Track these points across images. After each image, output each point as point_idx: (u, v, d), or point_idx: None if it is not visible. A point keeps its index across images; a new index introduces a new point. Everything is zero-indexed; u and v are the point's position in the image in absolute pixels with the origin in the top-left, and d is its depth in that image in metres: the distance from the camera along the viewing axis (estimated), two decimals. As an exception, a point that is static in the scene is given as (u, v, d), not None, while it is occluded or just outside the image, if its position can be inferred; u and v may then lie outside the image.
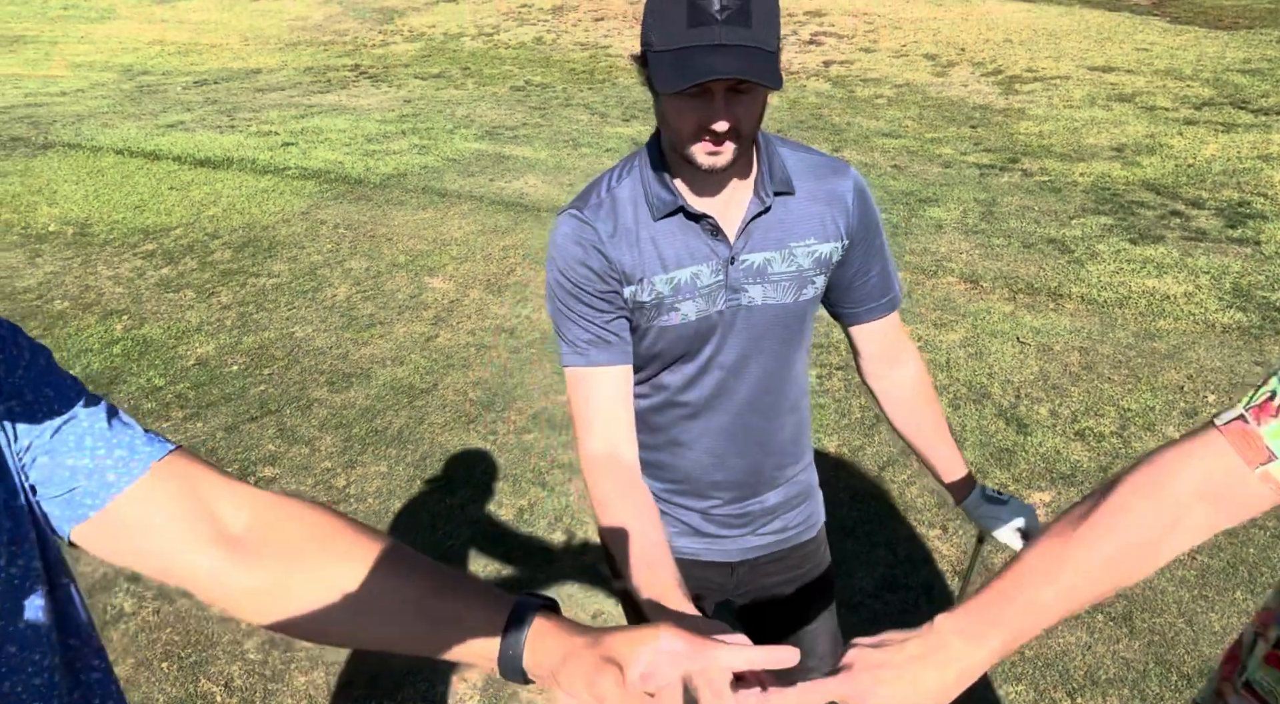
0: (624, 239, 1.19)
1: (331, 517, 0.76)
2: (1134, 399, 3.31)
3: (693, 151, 1.10)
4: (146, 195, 6.15)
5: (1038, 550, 0.85)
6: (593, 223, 1.20)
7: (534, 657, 0.69)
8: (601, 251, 1.19)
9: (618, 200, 1.21)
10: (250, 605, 0.73)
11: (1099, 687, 2.14)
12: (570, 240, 1.20)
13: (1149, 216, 5.10)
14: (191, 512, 0.71)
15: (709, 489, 1.34)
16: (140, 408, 3.54)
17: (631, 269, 1.20)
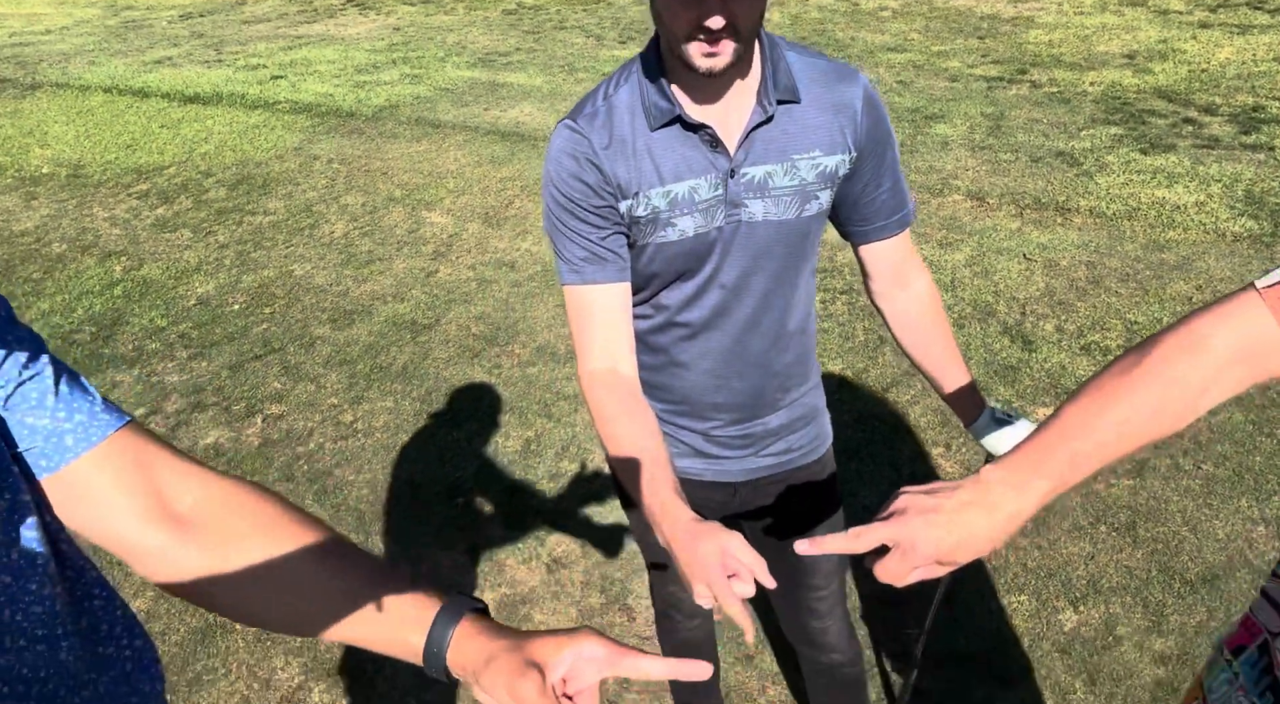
0: (619, 150, 1.15)
1: (276, 505, 0.77)
2: (1141, 312, 3.28)
3: (688, 52, 1.04)
4: (138, 134, 6.05)
5: (1078, 404, 0.86)
6: (587, 134, 1.16)
7: (457, 656, 0.71)
8: (595, 164, 1.15)
9: (614, 109, 1.16)
10: (189, 584, 0.74)
11: (1101, 595, 2.18)
12: (564, 153, 1.16)
13: (1160, 125, 4.97)
14: (141, 486, 0.72)
15: (710, 411, 1.32)
16: (145, 348, 3.55)
17: (627, 182, 1.16)
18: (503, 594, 2.34)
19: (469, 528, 2.56)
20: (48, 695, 0.68)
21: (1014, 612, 2.16)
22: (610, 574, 2.38)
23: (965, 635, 2.10)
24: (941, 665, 2.03)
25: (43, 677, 0.67)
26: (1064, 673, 2.00)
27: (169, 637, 2.27)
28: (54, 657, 0.68)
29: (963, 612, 2.16)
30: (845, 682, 1.64)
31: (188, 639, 2.26)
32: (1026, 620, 2.13)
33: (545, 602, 2.31)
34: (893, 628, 2.14)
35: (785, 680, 2.05)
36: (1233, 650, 0.98)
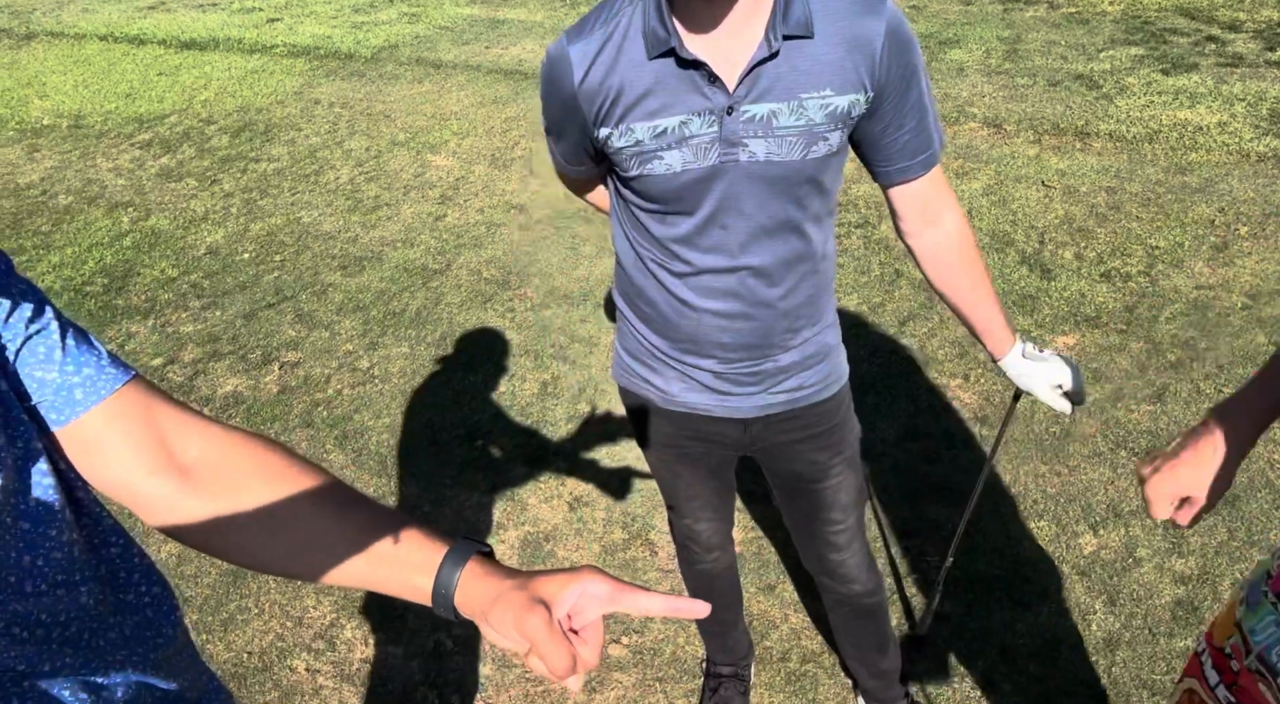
0: (602, 75, 1.12)
1: (279, 453, 0.78)
2: (1162, 236, 3.23)
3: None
4: (136, 83, 5.95)
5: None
6: (571, 55, 1.13)
7: (465, 597, 0.72)
8: (572, 88, 1.14)
9: (615, 32, 1.12)
10: (195, 533, 0.75)
11: (1121, 518, 2.19)
12: (546, 68, 1.18)
13: (1182, 44, 4.82)
14: (147, 438, 0.73)
15: (717, 350, 1.30)
16: (158, 299, 3.55)
17: (606, 110, 1.13)
18: (526, 532, 2.37)
19: (489, 469, 2.59)
20: (70, 639, 0.69)
21: (1034, 537, 2.17)
22: (631, 511, 2.40)
23: (985, 560, 2.12)
24: (961, 590, 2.06)
25: (64, 620, 0.69)
26: (1084, 594, 2.02)
27: (201, 579, 2.32)
28: (74, 601, 0.69)
29: (982, 538, 2.18)
30: (866, 611, 1.66)
31: (220, 581, 2.31)
32: (1047, 545, 2.15)
33: (568, 538, 2.34)
34: (912, 556, 2.17)
35: (806, 609, 2.08)
36: (1278, 594, 0.98)
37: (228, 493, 0.74)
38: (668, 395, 1.39)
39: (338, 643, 2.12)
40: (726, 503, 1.63)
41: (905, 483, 2.36)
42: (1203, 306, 2.86)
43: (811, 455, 1.43)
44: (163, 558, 2.39)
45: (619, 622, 2.11)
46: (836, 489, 1.48)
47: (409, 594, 0.75)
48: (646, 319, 1.35)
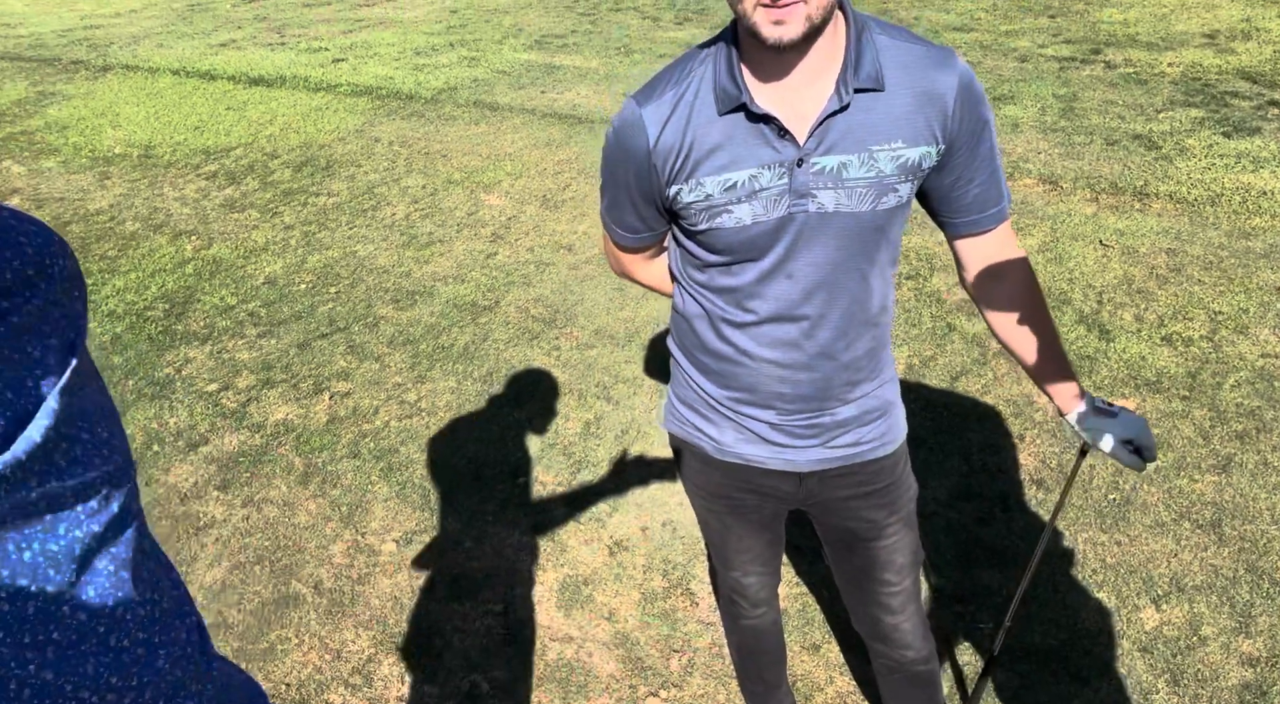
0: (678, 134, 1.13)
1: None
2: (1226, 301, 3.15)
3: (755, 22, 1.00)
4: (205, 116, 6.18)
5: None
6: (645, 115, 1.15)
7: None
8: (646, 149, 1.15)
9: (685, 89, 1.13)
10: None
11: (1185, 593, 2.10)
12: (617, 133, 1.19)
13: (1244, 108, 4.75)
14: None
15: (775, 400, 1.29)
16: (216, 325, 3.63)
17: (679, 167, 1.14)
18: (565, 575, 2.34)
19: (531, 508, 2.57)
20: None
21: (1092, 608, 2.09)
22: (672, 558, 2.37)
23: (1040, 631, 2.05)
24: (1016, 661, 1.98)
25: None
26: (1145, 672, 1.93)
27: (244, 606, 2.33)
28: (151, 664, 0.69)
29: (1038, 607, 2.11)
30: (919, 679, 1.60)
31: (261, 609, 2.31)
32: (1106, 618, 2.07)
33: (607, 583, 2.31)
34: (965, 623, 2.10)
35: (853, 671, 2.02)
36: None
37: None
38: (722, 445, 1.38)
39: (374, 679, 2.10)
40: (775, 557, 1.60)
41: (957, 545, 2.30)
42: (1269, 376, 2.77)
43: (867, 513, 1.40)
44: (207, 583, 2.41)
45: (657, 674, 2.07)
46: (892, 549, 1.44)
47: None
48: (704, 369, 1.34)
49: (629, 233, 1.31)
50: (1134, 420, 1.29)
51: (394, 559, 2.44)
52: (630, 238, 1.32)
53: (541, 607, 2.27)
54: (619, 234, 1.32)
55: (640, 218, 1.27)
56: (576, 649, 2.14)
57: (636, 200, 1.24)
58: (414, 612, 2.28)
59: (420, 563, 2.42)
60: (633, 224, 1.29)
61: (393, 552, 2.47)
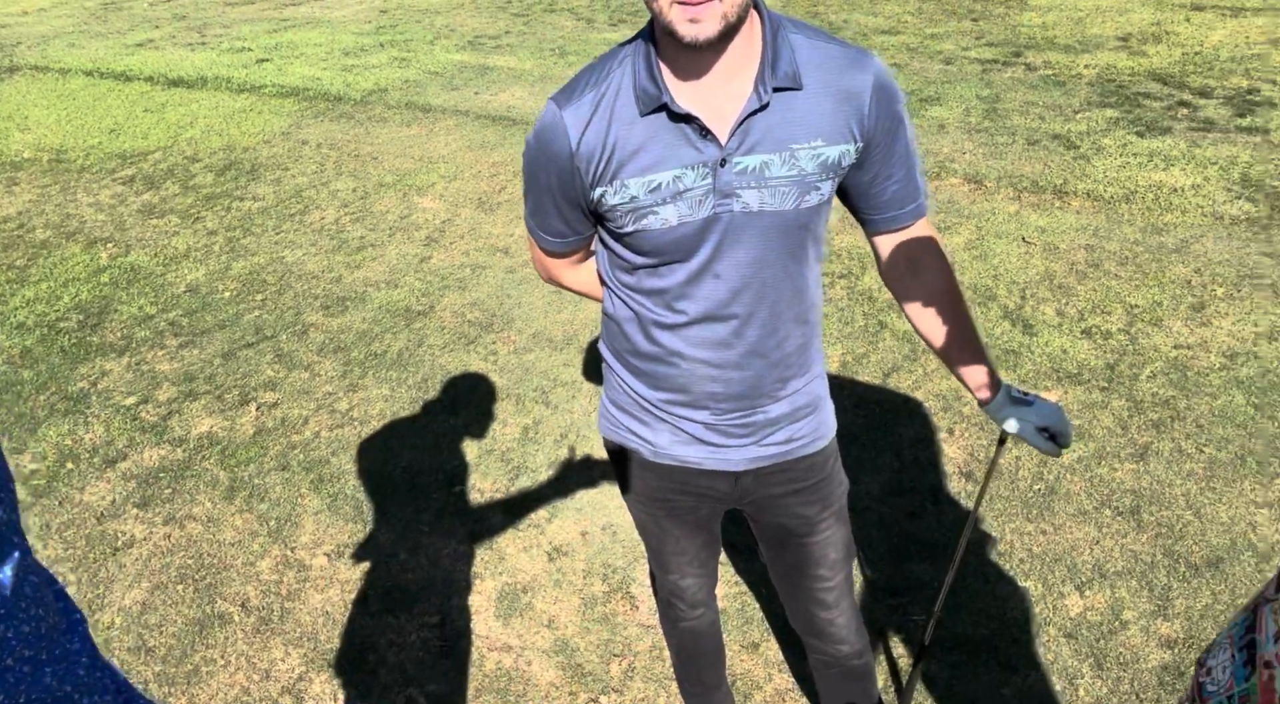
0: (600, 135, 1.12)
1: None
2: (1141, 295, 3.27)
3: (671, 20, 1.01)
4: (121, 118, 5.94)
5: None
6: (566, 116, 1.14)
7: None
8: (568, 152, 1.14)
9: (605, 91, 1.13)
10: None
11: (1107, 579, 2.17)
12: (537, 137, 1.18)
13: (1155, 108, 4.96)
14: None
15: (708, 400, 1.29)
16: (134, 336, 3.49)
17: (602, 169, 1.13)
18: (504, 583, 2.31)
19: (468, 516, 2.53)
20: None
21: (1020, 597, 2.15)
22: (611, 562, 2.35)
23: (971, 621, 2.09)
24: (948, 651, 2.02)
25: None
26: (1071, 658, 1.99)
27: (165, 628, 2.24)
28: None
29: (968, 598, 2.15)
30: (854, 673, 1.62)
31: (184, 630, 2.23)
32: (1033, 606, 2.12)
33: (547, 590, 2.29)
34: (899, 615, 2.13)
35: (791, 669, 2.03)
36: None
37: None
38: (657, 448, 1.37)
39: (305, 698, 2.04)
40: (712, 557, 1.60)
41: (890, 539, 2.34)
42: (1182, 366, 2.89)
43: (800, 509, 1.41)
44: (126, 605, 2.31)
45: (597, 680, 2.05)
46: (825, 544, 1.45)
47: None
48: (636, 372, 1.33)
49: (555, 237, 1.29)
50: (1049, 408, 1.33)
51: (325, 573, 2.38)
52: (556, 242, 1.30)
53: (479, 616, 2.23)
54: (545, 239, 1.31)
55: (565, 221, 1.25)
56: (515, 658, 2.12)
57: (560, 204, 1.22)
58: (346, 627, 2.22)
59: (353, 576, 2.36)
60: (558, 228, 1.27)
61: (324, 566, 2.40)
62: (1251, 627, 0.96)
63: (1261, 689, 0.90)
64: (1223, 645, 1.01)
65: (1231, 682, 0.97)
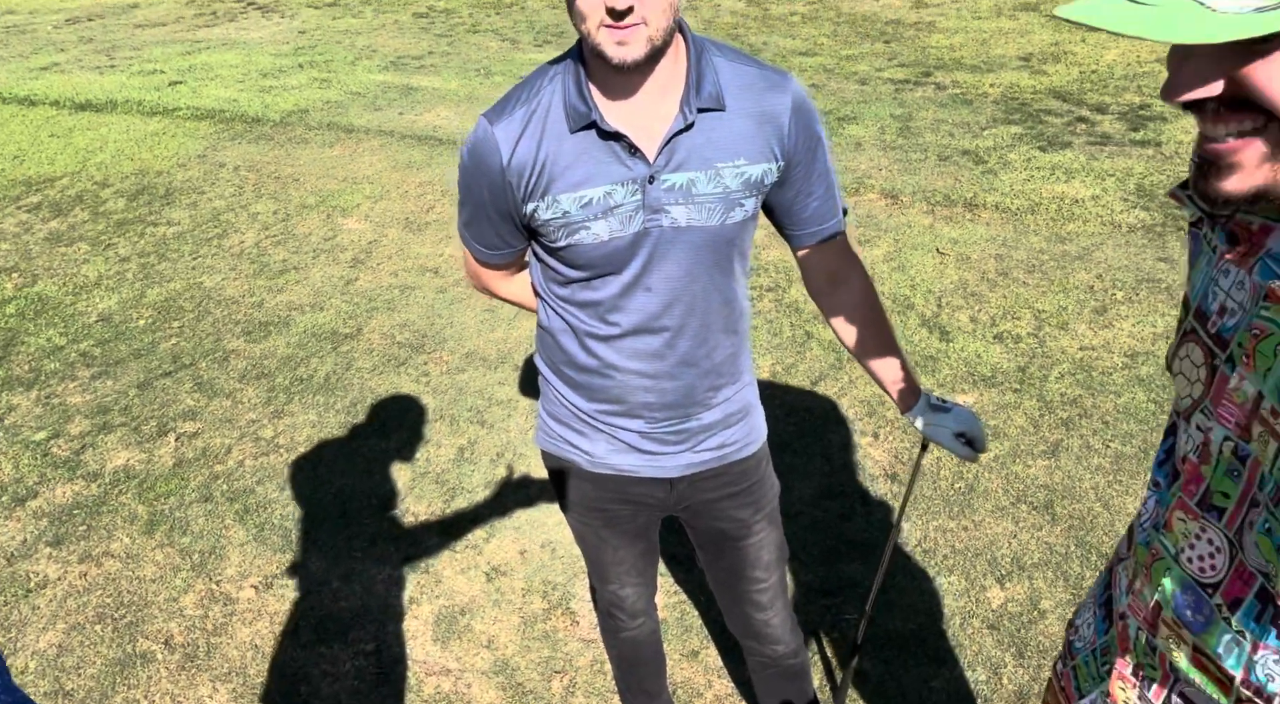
0: (530, 151, 1.15)
1: None
2: (1048, 301, 3.44)
3: (599, 42, 1.04)
4: (25, 144, 5.70)
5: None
6: (497, 133, 1.16)
7: None
8: (500, 167, 1.17)
9: (535, 108, 1.16)
10: None
11: (1025, 571, 2.27)
12: (470, 152, 1.20)
13: (1056, 124, 5.23)
14: None
15: (642, 410, 1.33)
16: (43, 369, 3.34)
17: (534, 184, 1.16)
18: (440, 606, 2.29)
19: (403, 540, 2.50)
20: None
21: (945, 592, 2.23)
22: (551, 579, 2.35)
23: (901, 617, 2.16)
24: (880, 648, 2.08)
25: None
26: (994, 648, 2.07)
27: (83, 670, 2.14)
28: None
29: (898, 595, 2.22)
30: (790, 672, 1.66)
31: (105, 672, 2.14)
32: (957, 599, 2.20)
33: (486, 611, 2.27)
34: (832, 615, 2.19)
35: (731, 675, 2.06)
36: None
37: None
38: (594, 458, 1.39)
39: (236, 734, 1.98)
40: (650, 567, 1.62)
41: (822, 541, 2.40)
42: (1087, 366, 3.05)
43: (734, 513, 1.45)
44: (41, 649, 2.20)
45: (538, 698, 2.04)
46: (759, 546, 1.49)
47: None
48: (572, 383, 1.35)
49: (488, 249, 1.31)
50: (965, 415, 1.40)
51: (253, 606, 2.31)
52: (489, 254, 1.32)
53: (416, 641, 2.20)
54: (478, 250, 1.33)
55: (498, 234, 1.27)
56: (454, 681, 2.09)
57: (493, 217, 1.24)
58: (277, 659, 2.16)
59: (283, 607, 2.30)
60: (491, 240, 1.29)
61: (251, 598, 2.34)
62: (1108, 585, 1.04)
63: (1119, 639, 0.97)
64: (1087, 606, 1.10)
65: (1094, 636, 1.05)
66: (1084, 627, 1.08)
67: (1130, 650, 0.95)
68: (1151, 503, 0.93)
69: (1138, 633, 0.93)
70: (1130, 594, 0.94)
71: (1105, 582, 1.06)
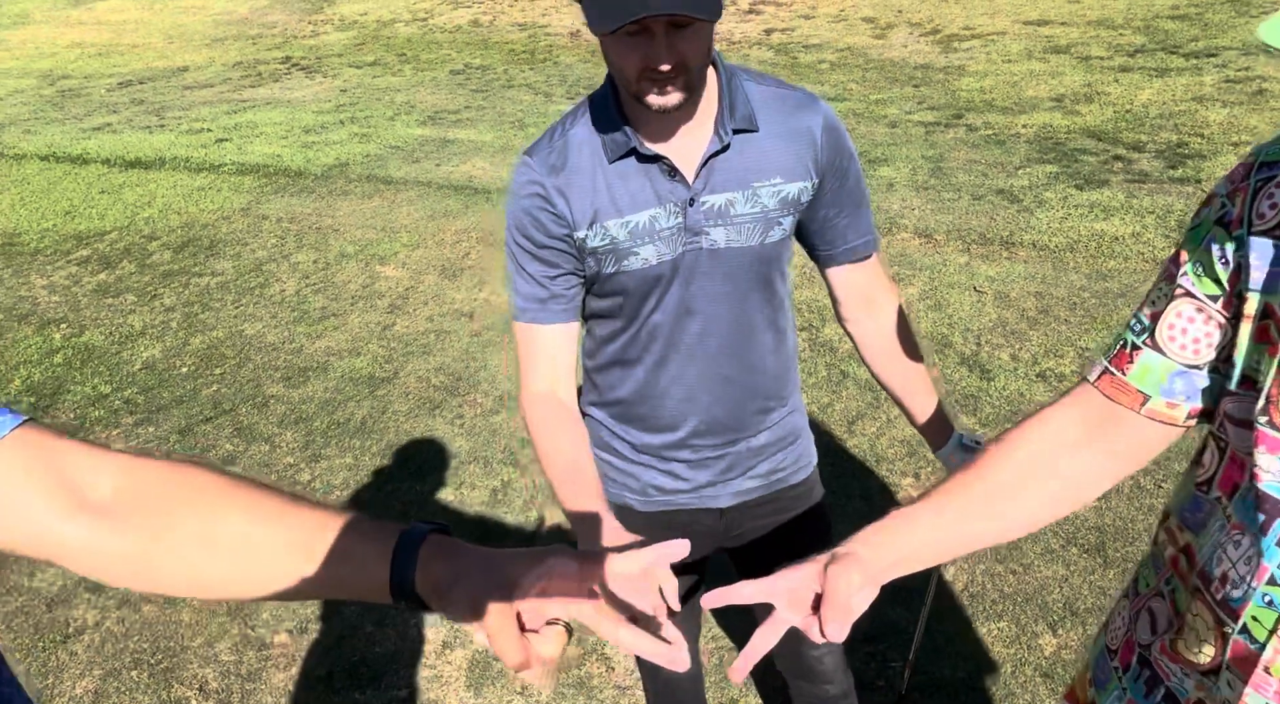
0: (574, 182, 1.16)
1: (202, 470, 0.73)
2: (1091, 338, 3.37)
3: (641, 92, 1.07)
4: (76, 200, 5.92)
5: (925, 501, 0.92)
6: (541, 168, 1.18)
7: (425, 579, 0.67)
8: (549, 200, 1.17)
9: (571, 143, 1.18)
10: (126, 571, 0.70)
11: (1078, 616, 2.18)
12: (519, 191, 1.20)
13: (1092, 162, 5.18)
14: (50, 482, 0.68)
15: (690, 437, 1.32)
16: (88, 416, 3.41)
17: (582, 214, 1.17)
18: (474, 652, 2.25)
19: (436, 584, 2.47)
20: None
21: (994, 638, 2.14)
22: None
23: (949, 664, 2.08)
24: (927, 695, 2.00)
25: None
26: (1048, 697, 1.98)
27: None
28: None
29: (944, 640, 2.14)
30: (838, 716, 1.60)
31: None
32: (1007, 646, 2.12)
33: (519, 656, 2.23)
34: (877, 662, 2.11)
35: (772, 723, 1.99)
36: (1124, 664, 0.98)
37: (154, 524, 0.69)
38: (645, 489, 1.38)
39: (268, 783, 1.95)
40: (694, 605, 1.58)
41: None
42: (1135, 403, 2.96)
43: (786, 540, 1.42)
44: (78, 695, 2.20)
45: (575, 745, 1.99)
46: None
47: (369, 592, 0.69)
48: (619, 415, 1.35)
49: (537, 302, 1.22)
50: None
51: (287, 651, 2.29)
52: (539, 311, 1.22)
53: (449, 688, 2.16)
54: (529, 306, 1.22)
55: (546, 275, 1.21)
56: (488, 729, 2.05)
57: (542, 252, 1.20)
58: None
59: (316, 652, 2.28)
60: (538, 289, 1.22)
61: (285, 643, 2.32)
62: (1155, 678, 0.93)
63: None
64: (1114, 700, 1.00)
65: None
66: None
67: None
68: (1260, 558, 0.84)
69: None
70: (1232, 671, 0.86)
71: (1142, 677, 0.95)
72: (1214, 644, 0.83)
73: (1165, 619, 0.92)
